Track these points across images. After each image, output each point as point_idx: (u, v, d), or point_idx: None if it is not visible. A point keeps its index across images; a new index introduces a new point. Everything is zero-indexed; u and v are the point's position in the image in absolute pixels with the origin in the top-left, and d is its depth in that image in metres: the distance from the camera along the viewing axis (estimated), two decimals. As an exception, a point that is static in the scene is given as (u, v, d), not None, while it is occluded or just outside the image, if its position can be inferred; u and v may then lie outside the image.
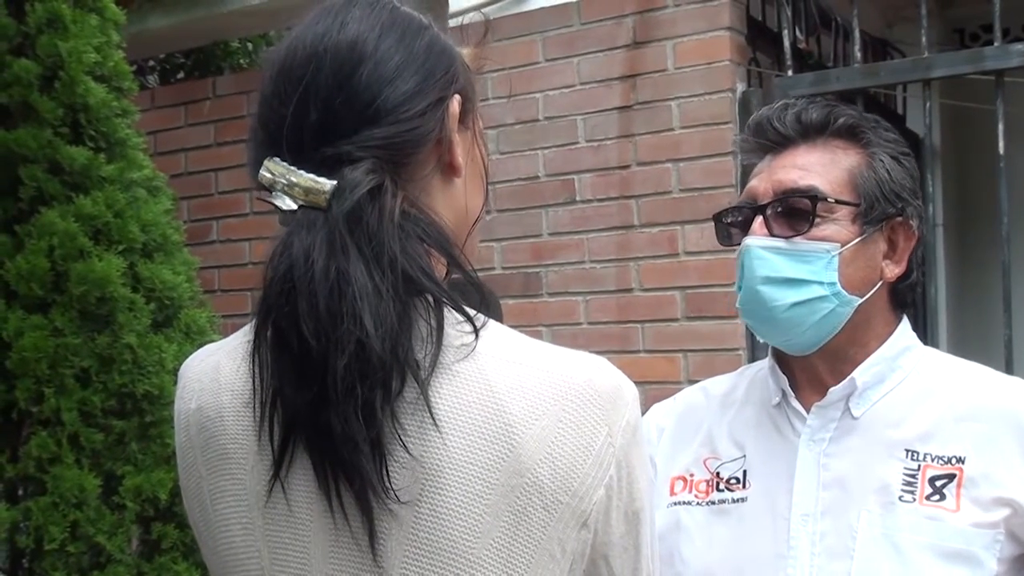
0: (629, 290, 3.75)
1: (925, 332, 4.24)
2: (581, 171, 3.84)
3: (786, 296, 1.47)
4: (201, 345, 2.77)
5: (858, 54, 3.49)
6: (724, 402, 1.65)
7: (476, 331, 1.00)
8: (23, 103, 2.69)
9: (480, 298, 1.03)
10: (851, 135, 1.53)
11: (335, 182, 1.00)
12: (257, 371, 1.01)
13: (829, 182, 1.49)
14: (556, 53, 3.90)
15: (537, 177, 3.91)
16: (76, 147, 2.69)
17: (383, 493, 0.96)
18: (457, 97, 1.09)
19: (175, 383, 2.76)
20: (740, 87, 3.64)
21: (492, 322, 1.03)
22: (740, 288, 1.52)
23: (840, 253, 1.47)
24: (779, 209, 1.49)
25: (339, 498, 0.98)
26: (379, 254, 0.97)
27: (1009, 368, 3.16)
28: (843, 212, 1.48)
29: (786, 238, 1.48)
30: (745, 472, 1.55)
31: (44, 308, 2.61)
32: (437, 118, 1.06)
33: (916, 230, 1.53)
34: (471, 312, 1.02)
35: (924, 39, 3.35)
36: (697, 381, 1.74)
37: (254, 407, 1.02)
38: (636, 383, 1.06)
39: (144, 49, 4.94)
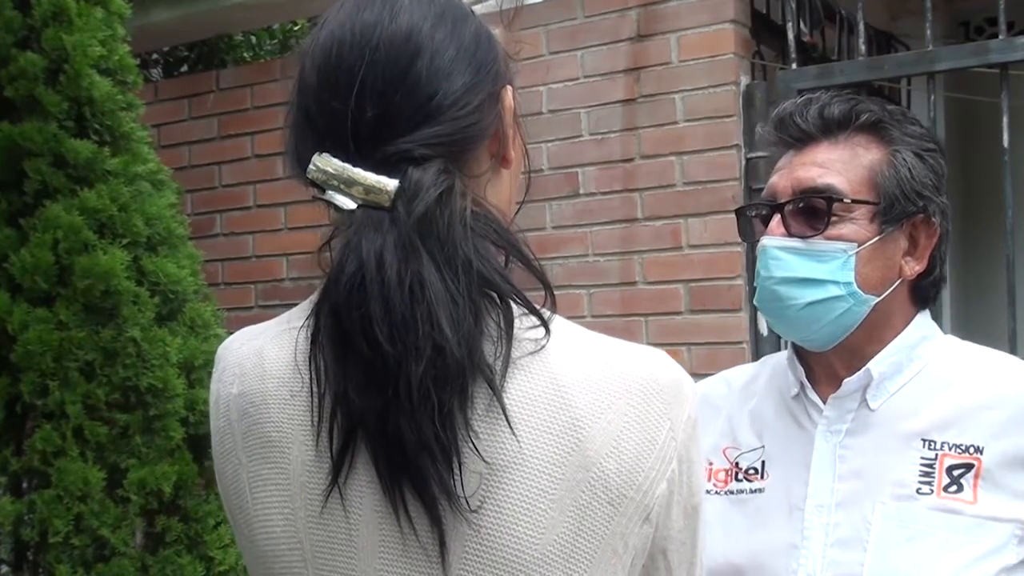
0: (633, 283, 3.75)
1: (929, 326, 4.23)
2: (585, 164, 3.84)
3: (802, 295, 1.47)
4: (205, 339, 2.80)
5: (862, 47, 3.48)
6: (745, 392, 1.65)
7: (545, 325, 0.99)
8: (28, 96, 2.69)
9: (546, 291, 1.02)
10: (874, 131, 1.52)
11: (397, 181, 0.97)
12: (315, 374, 0.98)
13: (848, 180, 1.48)
14: (560, 46, 3.90)
15: (541, 170, 3.90)
16: (81, 140, 2.69)
17: (456, 501, 0.94)
18: (509, 88, 1.07)
19: (179, 376, 2.79)
20: (744, 80, 3.64)
21: (557, 316, 1.02)
22: (758, 285, 1.53)
23: (857, 253, 1.47)
24: (798, 207, 1.49)
25: (404, 504, 0.95)
26: (451, 257, 0.95)
27: (1013, 362, 3.15)
28: (861, 211, 1.48)
29: (803, 238, 1.47)
30: (763, 463, 1.56)
31: (49, 301, 2.62)
32: (494, 112, 1.05)
33: (939, 227, 1.53)
34: (537, 306, 1.00)
35: (928, 32, 3.34)
36: (700, 374, 1.73)
37: (311, 410, 1.00)
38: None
39: (148, 42, 4.94)
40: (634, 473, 0.97)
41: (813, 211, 1.48)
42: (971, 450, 1.42)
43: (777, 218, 1.50)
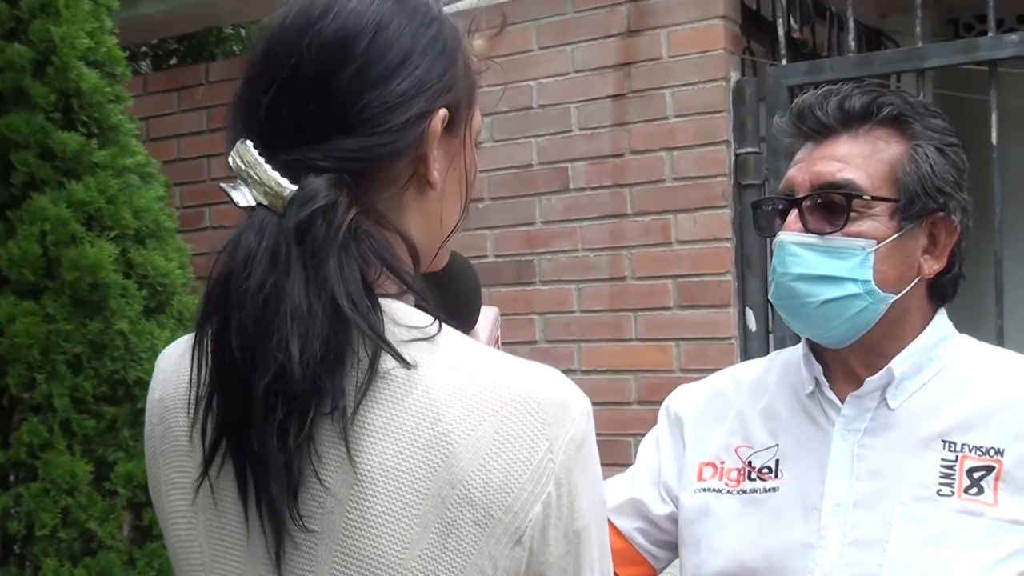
0: (622, 278, 3.75)
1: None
2: (574, 159, 3.84)
3: (819, 293, 1.44)
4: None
5: (852, 44, 3.49)
6: (756, 388, 1.63)
7: (399, 358, 0.95)
8: (15, 88, 2.68)
9: (435, 315, 0.99)
10: (895, 124, 1.48)
11: (295, 188, 0.96)
12: (195, 369, 0.99)
13: (868, 176, 1.45)
14: (550, 41, 3.89)
15: (530, 165, 3.90)
16: (68, 132, 2.68)
17: (289, 520, 0.94)
18: (443, 112, 1.03)
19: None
20: (734, 76, 3.64)
21: (445, 330, 0.99)
22: (774, 281, 1.50)
23: (876, 250, 1.44)
24: (815, 203, 1.46)
25: (257, 508, 0.96)
26: (317, 272, 0.93)
27: (1000, 358, 3.15)
28: (881, 208, 1.44)
29: (821, 234, 1.45)
30: (778, 462, 1.54)
31: (36, 294, 2.61)
32: (417, 134, 1.01)
33: (959, 224, 1.49)
34: (423, 323, 0.98)
35: (918, 29, 3.35)
36: (689, 370, 1.74)
37: (188, 402, 1.01)
38: (628, 371, 1.04)
39: (137, 35, 4.92)
40: (503, 493, 0.93)
41: (832, 207, 1.45)
42: (991, 452, 1.41)
43: (794, 213, 1.47)
